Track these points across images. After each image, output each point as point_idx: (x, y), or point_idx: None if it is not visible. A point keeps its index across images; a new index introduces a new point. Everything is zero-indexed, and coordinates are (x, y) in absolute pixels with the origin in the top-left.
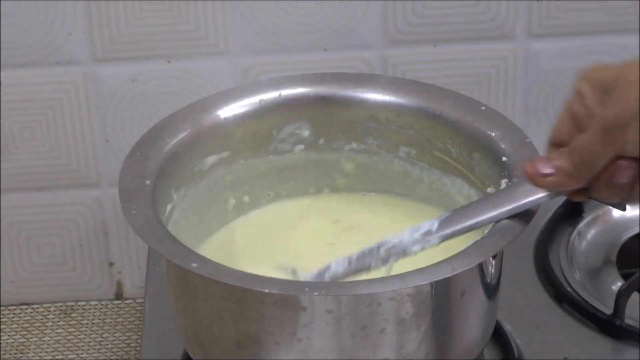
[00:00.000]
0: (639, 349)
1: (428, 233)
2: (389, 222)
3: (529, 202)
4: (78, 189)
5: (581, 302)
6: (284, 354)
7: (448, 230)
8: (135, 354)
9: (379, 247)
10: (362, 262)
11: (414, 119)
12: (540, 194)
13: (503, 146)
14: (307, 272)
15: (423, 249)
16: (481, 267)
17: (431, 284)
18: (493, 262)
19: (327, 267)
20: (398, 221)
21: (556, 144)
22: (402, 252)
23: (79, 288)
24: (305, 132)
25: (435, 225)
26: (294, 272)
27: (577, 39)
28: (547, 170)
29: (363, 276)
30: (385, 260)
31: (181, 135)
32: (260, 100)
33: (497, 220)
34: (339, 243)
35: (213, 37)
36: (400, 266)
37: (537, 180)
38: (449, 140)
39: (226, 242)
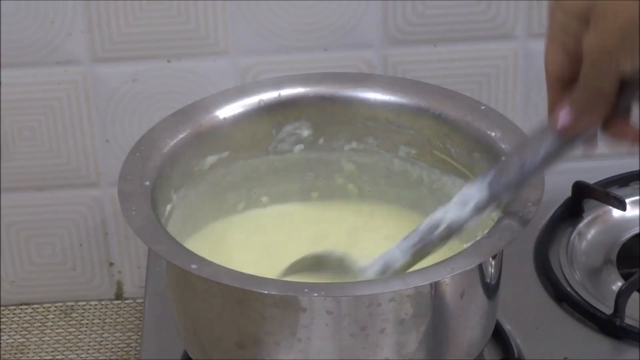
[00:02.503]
0: (639, 349)
1: (477, 203)
2: (390, 223)
3: (561, 147)
4: (78, 188)
5: (581, 302)
6: (284, 354)
7: (493, 194)
8: (135, 354)
9: (431, 230)
10: (421, 249)
11: (414, 119)
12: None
13: (503, 146)
14: (358, 264)
15: (480, 219)
16: (481, 268)
17: (431, 284)
18: (493, 262)
19: (384, 261)
20: (399, 223)
21: (556, 79)
22: (458, 229)
23: (79, 288)
24: (305, 132)
25: (483, 193)
26: (342, 260)
27: None
28: (571, 116)
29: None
30: (443, 242)
31: (181, 135)
32: (260, 101)
33: (541, 170)
34: (340, 244)
35: (213, 37)
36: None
37: (567, 132)
38: (449, 140)
39: (225, 241)
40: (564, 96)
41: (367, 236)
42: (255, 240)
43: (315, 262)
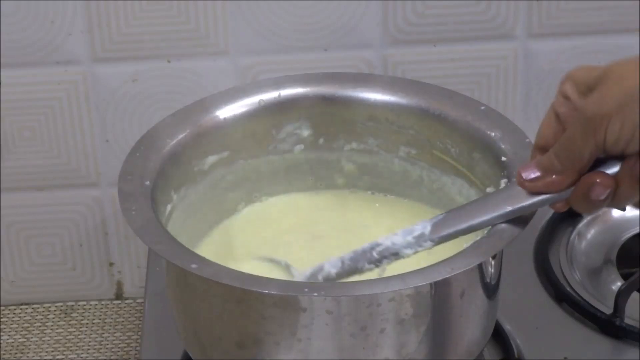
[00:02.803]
0: (639, 349)
1: (421, 236)
2: (390, 223)
3: (520, 208)
4: (78, 188)
5: (581, 302)
6: (284, 354)
7: (442, 234)
8: (135, 354)
9: (371, 248)
10: (355, 263)
11: (414, 119)
12: (531, 200)
13: (503, 146)
14: (300, 270)
15: (416, 252)
16: (481, 268)
17: (431, 284)
18: (493, 262)
19: (320, 268)
20: (398, 221)
21: (542, 148)
22: (395, 254)
23: (79, 288)
24: (305, 132)
25: (428, 228)
26: (287, 267)
27: (577, 39)
28: (535, 174)
29: (356, 278)
30: (378, 262)
31: (181, 135)
32: (260, 100)
33: (491, 224)
34: (338, 243)
35: (213, 37)
36: (401, 265)
37: (527, 186)
38: (449, 140)
39: (225, 241)
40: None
41: (365, 236)
42: (255, 239)
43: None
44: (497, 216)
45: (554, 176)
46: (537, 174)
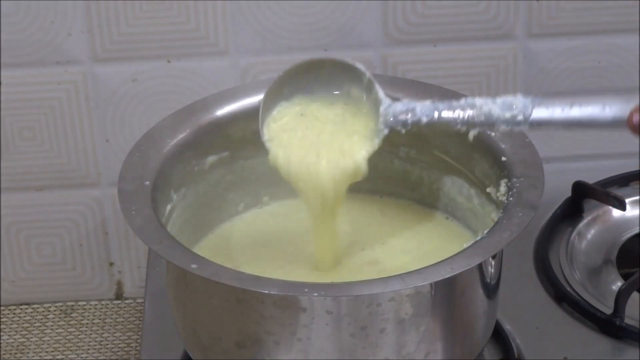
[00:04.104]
0: (639, 349)
1: (520, 115)
2: (391, 223)
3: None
4: (78, 188)
5: (581, 302)
6: (283, 354)
7: (543, 118)
8: (135, 354)
9: (468, 107)
10: (448, 116)
11: None
12: None
13: (503, 146)
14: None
15: (511, 130)
16: (481, 267)
17: (431, 284)
18: (493, 262)
19: (412, 109)
20: (399, 222)
21: None
22: (489, 125)
23: (79, 288)
24: None
25: (529, 109)
26: (370, 84)
27: (577, 39)
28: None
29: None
30: (468, 123)
31: (181, 135)
32: (260, 100)
33: (588, 123)
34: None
35: (213, 37)
36: (401, 265)
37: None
38: (449, 140)
39: (225, 241)
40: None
41: (366, 236)
42: (255, 240)
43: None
44: (603, 121)
45: None
46: None
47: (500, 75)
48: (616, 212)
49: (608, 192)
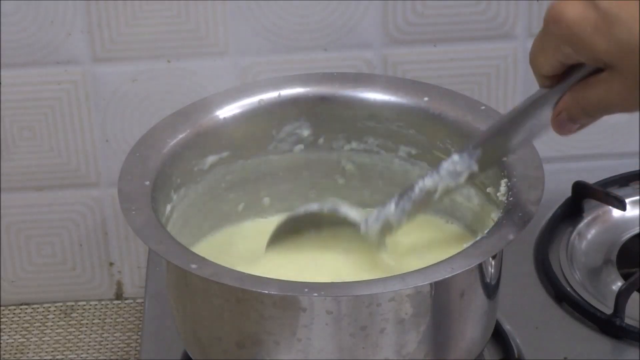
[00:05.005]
0: (639, 349)
1: (470, 175)
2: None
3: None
4: (78, 188)
5: (581, 302)
6: (283, 354)
7: (478, 143)
8: (135, 354)
9: (427, 195)
10: (416, 210)
11: (414, 119)
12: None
13: None
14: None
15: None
16: (481, 267)
17: (431, 284)
18: (493, 262)
19: (383, 218)
20: None
21: (545, 76)
22: (450, 193)
23: (79, 288)
24: (305, 132)
25: (474, 167)
26: (346, 216)
27: None
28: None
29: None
30: (435, 204)
31: (181, 135)
32: (260, 100)
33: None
34: (341, 244)
35: (213, 37)
36: (401, 265)
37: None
38: (449, 140)
39: (225, 242)
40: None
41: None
42: (255, 240)
43: (303, 223)
44: (530, 102)
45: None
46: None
47: (500, 75)
48: (616, 212)
49: (608, 192)
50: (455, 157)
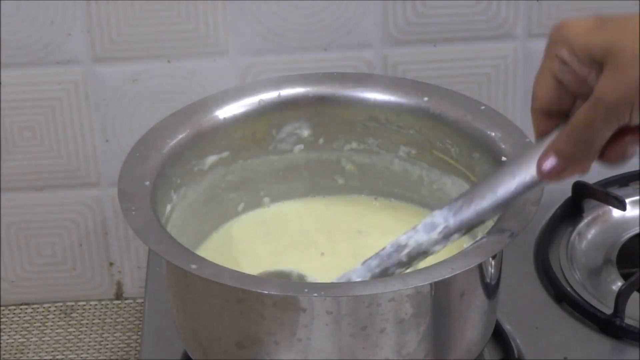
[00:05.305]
0: (639, 349)
1: (446, 229)
2: (391, 223)
3: (533, 182)
4: (78, 188)
5: (581, 302)
6: (283, 354)
7: (464, 218)
8: (135, 354)
9: (397, 251)
10: (384, 269)
11: (414, 119)
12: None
13: (503, 146)
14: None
15: (445, 246)
16: (481, 268)
17: (431, 284)
18: (493, 262)
19: (347, 279)
20: (400, 222)
21: (545, 111)
22: (424, 253)
23: (79, 288)
24: (305, 132)
25: (450, 219)
26: (300, 278)
27: None
28: (554, 165)
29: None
30: (407, 265)
31: (181, 135)
32: (260, 100)
33: (514, 196)
34: (338, 244)
35: (213, 37)
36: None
37: (551, 178)
38: (449, 140)
39: (225, 242)
40: (548, 129)
41: (368, 237)
42: (255, 240)
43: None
44: (521, 184)
45: (575, 164)
46: (557, 165)
47: (500, 75)
48: (616, 212)
49: (608, 192)
50: (435, 211)
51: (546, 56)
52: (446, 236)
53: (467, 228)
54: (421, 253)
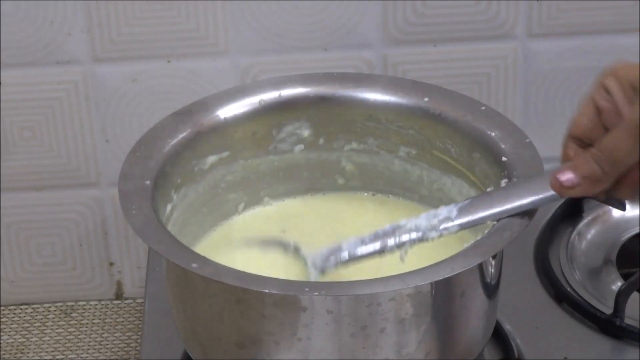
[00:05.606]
0: (639, 349)
1: (446, 220)
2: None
3: (549, 197)
4: (78, 188)
5: (581, 302)
6: (283, 354)
7: (467, 219)
8: (135, 354)
9: (394, 230)
10: (376, 244)
11: (414, 119)
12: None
13: (503, 146)
14: (311, 251)
15: (441, 236)
16: (481, 267)
17: (431, 284)
18: (493, 262)
19: (338, 247)
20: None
21: (576, 137)
22: (419, 238)
23: (79, 288)
24: (305, 132)
25: (454, 212)
26: (296, 249)
27: (577, 39)
28: (572, 180)
29: (373, 261)
30: (400, 245)
31: (181, 135)
32: (260, 100)
33: (517, 211)
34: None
35: (213, 37)
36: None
37: (564, 192)
38: (449, 140)
39: (225, 241)
40: (576, 155)
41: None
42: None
43: (273, 243)
44: (526, 203)
45: (592, 183)
46: (574, 180)
47: (500, 75)
48: (616, 212)
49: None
50: (442, 207)
51: (594, 86)
52: (443, 226)
53: (468, 225)
54: (416, 237)
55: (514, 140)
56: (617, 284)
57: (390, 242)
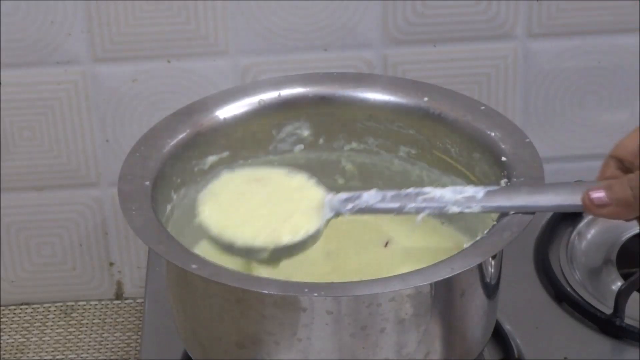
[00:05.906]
0: (639, 349)
1: (471, 198)
2: (391, 224)
3: (574, 206)
4: (78, 188)
5: (581, 302)
6: (284, 354)
7: (491, 204)
8: (135, 354)
9: (417, 194)
10: (396, 202)
11: (414, 119)
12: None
13: (503, 146)
14: (331, 196)
15: (462, 212)
16: (481, 267)
17: (431, 284)
18: (493, 262)
19: (359, 196)
20: (399, 223)
21: (616, 158)
22: (439, 208)
23: (79, 288)
24: (305, 132)
25: (481, 194)
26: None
27: (577, 39)
28: (603, 199)
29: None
30: (419, 210)
31: (181, 135)
32: (260, 101)
33: (542, 211)
34: (338, 244)
35: (213, 37)
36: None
37: (593, 210)
38: (449, 140)
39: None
40: (613, 176)
41: (367, 237)
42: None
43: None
44: (552, 206)
45: (623, 208)
46: (605, 200)
47: (500, 75)
48: None
49: None
50: (469, 185)
51: None
52: (468, 203)
53: (490, 210)
54: (437, 206)
55: (514, 140)
56: (617, 284)
57: (410, 205)
